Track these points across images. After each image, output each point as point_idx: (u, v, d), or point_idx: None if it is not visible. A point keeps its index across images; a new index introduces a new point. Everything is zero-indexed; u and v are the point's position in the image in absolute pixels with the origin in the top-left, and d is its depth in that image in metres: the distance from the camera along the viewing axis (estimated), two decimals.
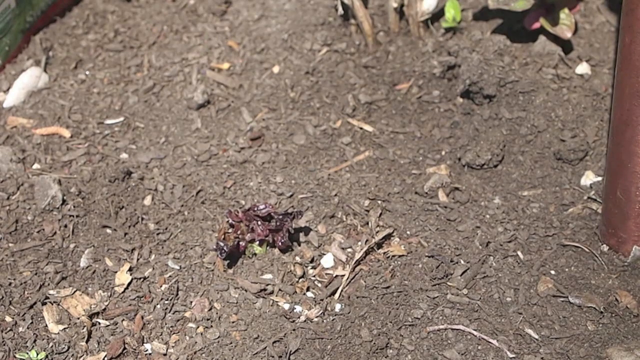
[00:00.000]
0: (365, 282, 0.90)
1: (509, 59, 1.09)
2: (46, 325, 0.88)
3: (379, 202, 0.98)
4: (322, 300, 0.89)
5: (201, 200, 1.00)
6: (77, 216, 0.98)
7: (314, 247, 0.94)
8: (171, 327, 0.88)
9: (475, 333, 0.84)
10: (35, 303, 0.90)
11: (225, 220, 0.94)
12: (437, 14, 1.18)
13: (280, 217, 0.92)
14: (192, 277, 0.92)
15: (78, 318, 0.88)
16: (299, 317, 0.87)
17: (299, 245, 0.94)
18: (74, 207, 0.98)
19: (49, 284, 0.92)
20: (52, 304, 0.89)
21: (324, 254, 0.93)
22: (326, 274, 0.92)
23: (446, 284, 0.89)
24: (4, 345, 0.86)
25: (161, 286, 0.91)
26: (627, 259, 0.91)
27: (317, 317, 0.87)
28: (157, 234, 0.97)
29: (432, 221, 0.95)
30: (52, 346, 0.86)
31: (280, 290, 0.90)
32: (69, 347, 0.86)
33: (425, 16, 1.16)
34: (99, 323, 0.88)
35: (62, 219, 0.97)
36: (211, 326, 0.87)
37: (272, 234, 0.92)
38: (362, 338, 0.84)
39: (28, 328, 0.88)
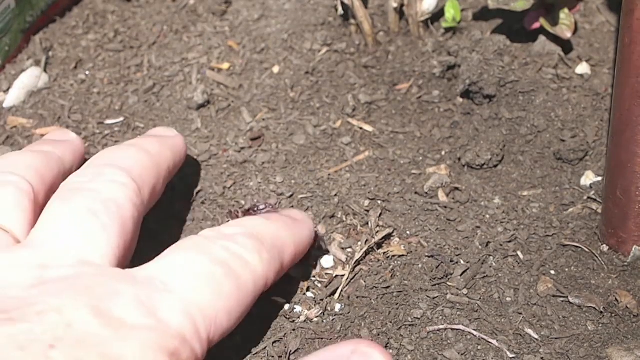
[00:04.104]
0: (365, 282, 0.90)
1: (509, 59, 1.09)
2: None
3: (379, 202, 0.98)
4: (322, 300, 0.89)
5: (201, 201, 1.00)
6: None
7: (314, 247, 0.94)
8: None
9: (475, 333, 0.84)
10: None
11: (225, 220, 0.94)
12: (437, 14, 1.18)
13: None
14: None
15: None
16: (298, 317, 0.87)
17: None
18: None
19: None
20: None
21: (324, 254, 0.93)
22: (326, 274, 0.92)
23: (446, 284, 0.89)
24: None
25: None
26: (627, 259, 0.91)
27: (317, 317, 0.87)
28: (157, 234, 0.96)
29: (432, 221, 0.95)
30: None
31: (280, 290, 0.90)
32: None
33: (425, 16, 1.16)
34: None
35: None
36: None
37: None
38: (362, 338, 0.84)
39: None
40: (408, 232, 0.94)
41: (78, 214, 0.76)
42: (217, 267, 0.74)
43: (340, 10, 1.17)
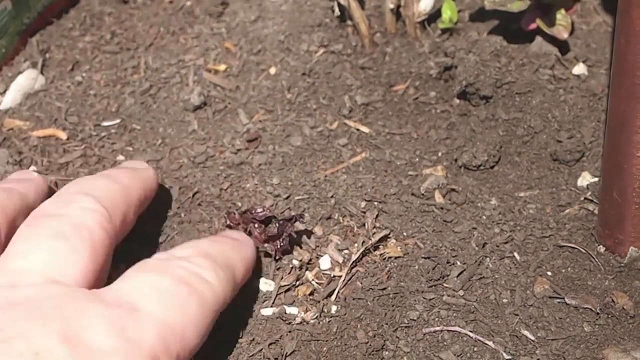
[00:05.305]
0: (361, 283, 0.90)
1: (506, 60, 1.09)
2: None
3: (376, 203, 0.98)
4: (318, 302, 0.88)
5: (198, 202, 1.00)
6: None
7: (311, 249, 0.94)
8: None
9: (471, 334, 0.84)
10: None
11: (222, 221, 0.94)
12: (434, 15, 1.18)
13: (280, 222, 0.91)
14: None
15: None
16: (294, 319, 0.87)
17: (296, 246, 0.94)
18: None
19: None
20: None
21: (321, 256, 0.93)
22: (323, 274, 0.92)
23: (442, 285, 0.89)
24: None
25: None
26: (624, 260, 0.90)
27: (313, 319, 0.86)
28: (153, 236, 0.96)
29: (429, 222, 0.95)
30: None
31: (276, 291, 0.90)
32: None
33: (422, 17, 1.16)
34: None
35: None
36: None
37: (271, 240, 0.91)
38: (358, 340, 0.84)
39: None
40: (404, 234, 0.94)
41: (48, 236, 0.75)
42: (181, 286, 0.75)
43: (337, 12, 1.17)
